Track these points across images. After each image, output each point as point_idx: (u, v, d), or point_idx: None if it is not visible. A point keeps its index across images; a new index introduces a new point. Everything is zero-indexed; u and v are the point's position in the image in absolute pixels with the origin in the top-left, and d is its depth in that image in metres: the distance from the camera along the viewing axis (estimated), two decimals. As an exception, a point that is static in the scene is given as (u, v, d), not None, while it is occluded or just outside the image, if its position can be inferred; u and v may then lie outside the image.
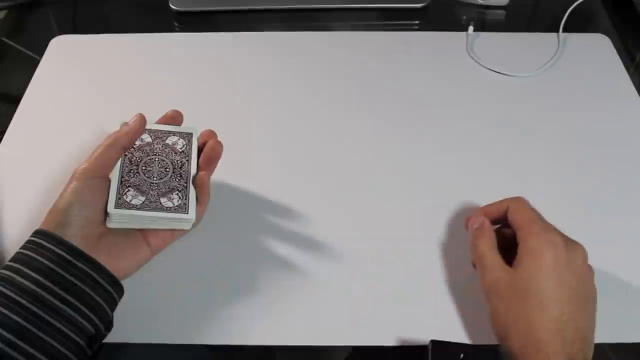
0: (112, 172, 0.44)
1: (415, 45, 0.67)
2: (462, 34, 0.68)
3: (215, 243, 0.49)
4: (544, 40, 0.68)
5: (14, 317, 0.36)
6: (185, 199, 0.45)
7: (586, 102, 0.61)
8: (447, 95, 0.62)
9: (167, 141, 0.48)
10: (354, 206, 0.52)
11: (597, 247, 0.42)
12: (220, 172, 0.48)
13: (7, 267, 0.38)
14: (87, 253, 0.39)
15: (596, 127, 0.59)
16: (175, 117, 0.49)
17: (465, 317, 0.45)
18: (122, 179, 0.44)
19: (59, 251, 0.38)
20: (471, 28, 0.67)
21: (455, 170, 0.55)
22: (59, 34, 0.68)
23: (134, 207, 0.43)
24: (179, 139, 0.48)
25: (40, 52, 0.65)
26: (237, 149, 0.49)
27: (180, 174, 0.46)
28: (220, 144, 0.47)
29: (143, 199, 0.43)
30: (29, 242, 0.40)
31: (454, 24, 0.70)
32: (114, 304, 0.41)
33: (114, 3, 0.75)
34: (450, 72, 0.64)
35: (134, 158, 0.46)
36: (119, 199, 0.43)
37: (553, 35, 0.68)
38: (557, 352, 0.37)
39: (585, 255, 0.41)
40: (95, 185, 0.42)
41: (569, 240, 0.41)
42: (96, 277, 0.39)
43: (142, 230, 0.44)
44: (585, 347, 0.38)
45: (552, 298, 0.39)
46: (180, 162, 0.47)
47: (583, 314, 0.39)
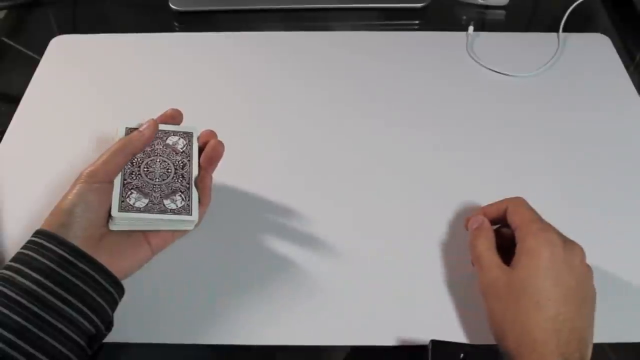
0: None
1: (415, 45, 0.67)
2: (462, 34, 0.68)
3: (215, 243, 0.49)
4: (544, 40, 0.68)
5: (15, 317, 0.36)
6: (189, 200, 0.44)
7: (586, 102, 0.61)
8: (447, 95, 0.62)
9: (168, 141, 0.47)
10: (354, 206, 0.52)
11: (597, 247, 0.42)
12: (220, 172, 0.48)
13: (8, 267, 0.38)
14: (88, 253, 0.39)
15: (596, 126, 0.59)
16: (174, 117, 0.49)
17: (465, 317, 0.45)
18: (125, 181, 0.44)
19: (60, 251, 0.38)
20: (471, 28, 0.67)
21: (455, 170, 0.55)
22: (59, 34, 0.68)
23: (138, 209, 0.43)
24: (179, 139, 0.48)
25: (40, 52, 0.65)
26: (237, 149, 0.49)
27: (182, 174, 0.46)
28: (221, 144, 0.47)
29: (146, 201, 0.43)
30: (30, 242, 0.40)
31: (454, 24, 0.70)
32: (114, 304, 0.41)
33: (114, 3, 0.75)
34: (450, 72, 0.64)
35: (135, 159, 0.46)
36: (122, 202, 0.43)
37: (553, 35, 0.68)
38: (552, 352, 0.37)
39: (584, 255, 0.41)
40: (101, 189, 0.42)
41: (567, 240, 0.41)
42: (97, 277, 0.39)
43: (143, 230, 0.44)
44: (582, 347, 0.38)
45: (549, 298, 0.39)
46: (182, 163, 0.46)
47: (580, 313, 0.39)
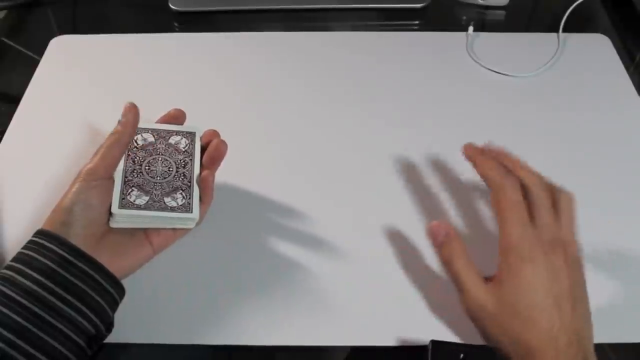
0: (115, 172, 0.44)
1: (415, 45, 0.67)
2: (462, 34, 0.68)
3: (215, 243, 0.49)
4: (544, 40, 0.68)
5: (15, 316, 0.36)
6: (189, 199, 0.45)
7: (586, 102, 0.61)
8: (447, 95, 0.62)
9: (170, 140, 0.48)
10: (354, 206, 0.52)
11: (597, 247, 0.42)
12: (219, 172, 0.48)
13: (9, 267, 0.38)
14: (88, 254, 0.39)
15: (596, 127, 0.59)
16: (177, 117, 0.49)
17: (465, 317, 0.45)
18: (126, 179, 0.44)
19: (61, 251, 0.38)
20: (471, 28, 0.67)
21: (455, 170, 0.55)
22: (59, 34, 0.68)
23: (138, 207, 0.43)
24: (181, 139, 0.48)
25: (40, 52, 0.65)
26: (237, 149, 0.49)
27: (183, 173, 0.46)
28: (224, 144, 0.47)
29: (147, 198, 0.43)
30: (31, 242, 0.40)
31: (454, 24, 0.70)
32: (114, 305, 0.41)
33: (113, 3, 0.75)
34: (450, 72, 0.64)
35: (137, 158, 0.46)
36: (123, 199, 0.43)
37: (553, 35, 0.68)
38: (553, 357, 0.37)
39: (563, 249, 0.39)
40: (100, 186, 0.42)
41: (545, 243, 0.39)
42: (97, 277, 0.39)
43: (144, 229, 0.44)
44: (583, 348, 0.38)
45: (543, 309, 0.38)
46: (184, 162, 0.47)
47: (575, 315, 0.38)
